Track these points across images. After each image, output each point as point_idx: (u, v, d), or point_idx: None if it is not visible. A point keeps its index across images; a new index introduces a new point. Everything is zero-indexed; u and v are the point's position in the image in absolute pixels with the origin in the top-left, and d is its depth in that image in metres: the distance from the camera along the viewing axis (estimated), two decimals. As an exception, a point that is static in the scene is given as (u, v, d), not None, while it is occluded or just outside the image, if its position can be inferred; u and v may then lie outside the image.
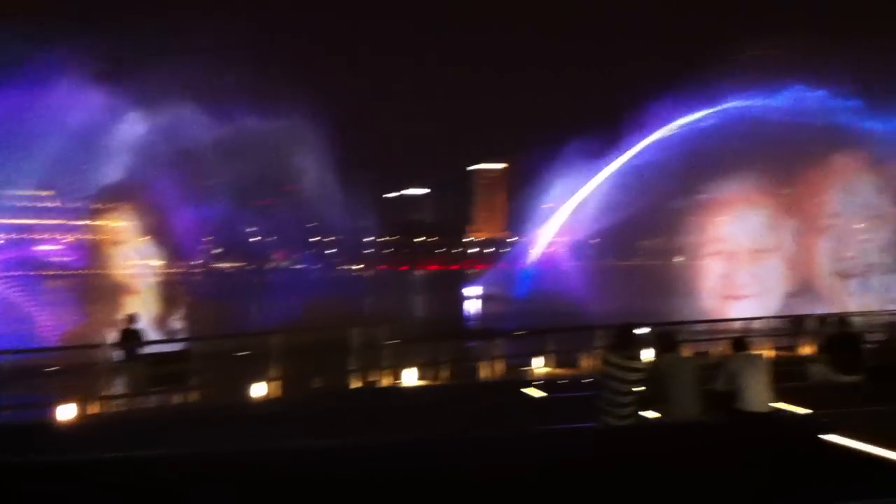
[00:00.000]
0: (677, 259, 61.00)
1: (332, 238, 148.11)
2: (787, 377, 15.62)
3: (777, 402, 12.11)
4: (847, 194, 49.91)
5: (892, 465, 8.00)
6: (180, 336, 28.90)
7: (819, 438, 9.23)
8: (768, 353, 23.11)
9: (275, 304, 62.02)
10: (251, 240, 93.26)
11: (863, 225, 53.55)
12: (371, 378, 18.98)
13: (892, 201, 49.68)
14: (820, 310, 34.79)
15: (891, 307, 35.77)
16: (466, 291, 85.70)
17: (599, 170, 58.89)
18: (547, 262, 69.70)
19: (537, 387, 17.07)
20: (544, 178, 62.62)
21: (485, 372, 20.03)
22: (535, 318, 42.79)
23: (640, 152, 55.45)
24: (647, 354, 12.19)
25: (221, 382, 18.40)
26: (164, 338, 26.95)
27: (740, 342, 12.01)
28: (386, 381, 18.86)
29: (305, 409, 14.81)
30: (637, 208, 55.50)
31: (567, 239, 70.64)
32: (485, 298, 78.76)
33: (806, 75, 51.43)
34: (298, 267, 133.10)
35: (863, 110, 51.33)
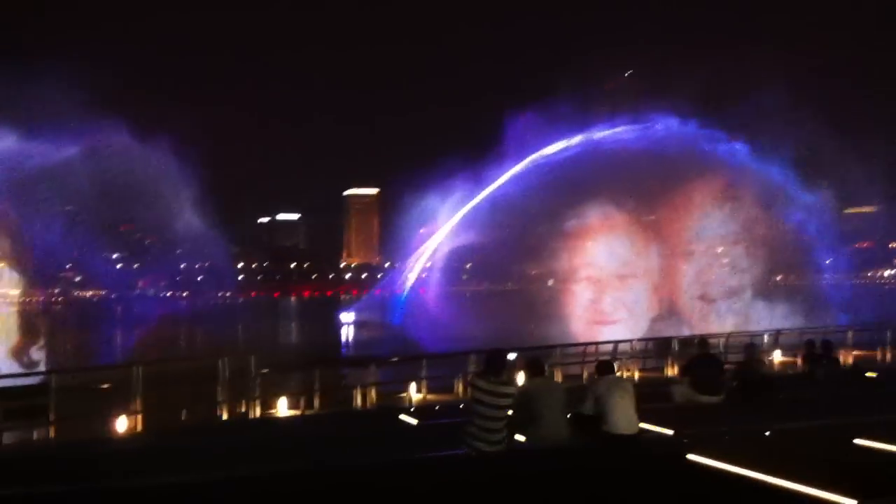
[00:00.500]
0: (549, 283, 62.24)
1: (201, 264, 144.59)
2: (652, 398, 16.09)
3: (643, 423, 12.44)
4: (706, 220, 52.22)
5: (751, 483, 8.28)
6: (37, 368, 27.49)
7: (684, 458, 9.50)
8: (634, 375, 23.83)
9: (139, 334, 59.85)
10: (116, 266, 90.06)
11: (721, 249, 56.03)
12: (241, 409, 18.49)
13: (748, 226, 52.26)
14: (684, 332, 36.16)
15: (750, 329, 37.40)
16: (341, 318, 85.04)
17: (472, 196, 59.68)
18: (421, 287, 69.95)
19: (412, 414, 17.00)
20: (417, 203, 62.98)
21: (359, 400, 19.82)
22: (409, 344, 42.82)
23: (510, 179, 56.48)
24: (521, 379, 12.33)
25: (81, 417, 17.53)
26: (20, 370, 25.59)
27: (606, 365, 12.28)
28: (257, 412, 18.40)
29: (169, 443, 14.26)
30: (509, 234, 56.48)
31: (441, 264, 71.08)
32: (359, 325, 78.30)
33: (665, 105, 53.69)
34: (165, 294, 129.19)
35: (720, 139, 53.85)
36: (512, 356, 17.86)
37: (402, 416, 16.65)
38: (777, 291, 57.24)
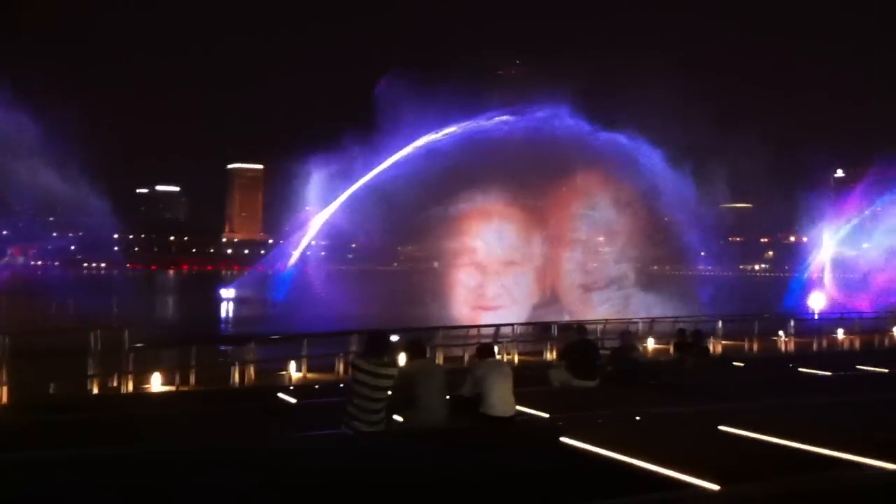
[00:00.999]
0: (434, 266, 62.50)
1: (75, 234, 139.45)
2: (531, 382, 16.38)
3: (521, 406, 12.63)
4: (590, 210, 53.49)
5: (620, 466, 8.51)
6: None
7: (558, 440, 9.69)
8: (515, 358, 24.20)
9: (7, 304, 57.27)
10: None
11: (602, 238, 57.46)
12: (113, 384, 17.91)
13: (629, 217, 53.76)
14: (565, 318, 36.93)
15: (627, 316, 38.48)
16: (221, 293, 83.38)
17: (360, 176, 59.34)
18: (305, 265, 69.20)
19: (291, 392, 16.81)
20: (304, 181, 62.21)
21: (237, 377, 19.47)
22: (290, 321, 42.31)
23: (399, 161, 56.44)
24: (402, 360, 12.32)
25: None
26: None
27: (486, 349, 12.40)
28: (129, 387, 17.86)
29: (36, 417, 13.69)
30: (396, 215, 56.41)
31: (326, 243, 70.50)
32: (240, 301, 76.97)
33: (554, 95, 54.55)
34: (36, 264, 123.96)
35: (605, 131, 55.12)
36: (394, 337, 17.88)
37: (281, 395, 16.46)
38: (654, 281, 59.15)
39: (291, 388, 18.29)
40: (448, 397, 11.53)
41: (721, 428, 10.21)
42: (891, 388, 16.33)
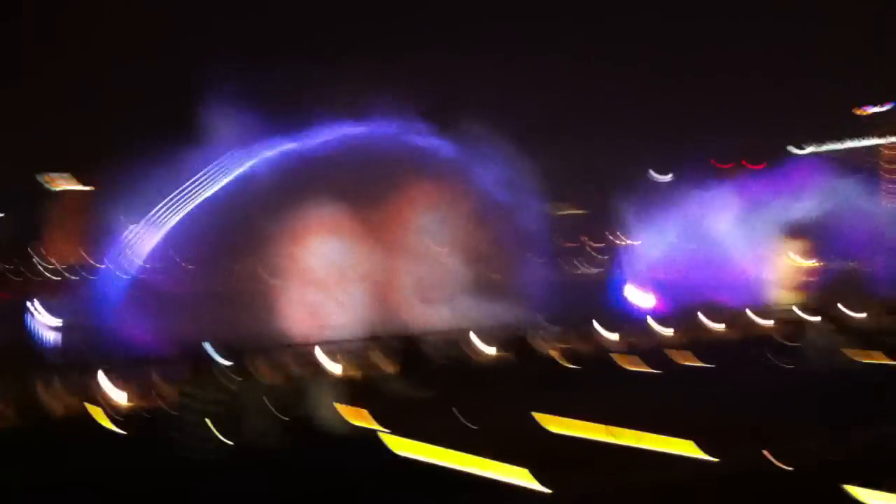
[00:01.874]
0: (271, 282, 61.13)
1: None
2: (368, 394, 16.25)
3: (357, 419, 12.51)
4: (426, 221, 53.71)
5: (449, 471, 8.52)
6: None
7: (392, 453, 9.64)
8: (352, 372, 23.96)
9: None
10: None
11: (439, 249, 57.86)
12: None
13: (466, 227, 54.36)
14: (404, 330, 36.73)
15: (464, 324, 38.66)
16: (41, 319, 78.21)
17: (193, 192, 57.13)
18: (137, 286, 65.99)
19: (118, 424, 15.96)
20: (130, 198, 59.25)
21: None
22: (117, 346, 40.11)
23: (234, 178, 54.81)
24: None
25: None
26: None
27: (317, 366, 12.26)
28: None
29: None
30: (230, 232, 54.65)
31: (158, 264, 67.68)
32: (61, 328, 72.53)
33: (389, 103, 54.40)
34: None
35: (440, 138, 55.44)
36: (222, 359, 17.39)
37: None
38: (490, 287, 60.02)
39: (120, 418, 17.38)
40: (281, 415, 11.29)
41: (548, 426, 10.46)
42: (707, 378, 17.12)
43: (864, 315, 34.29)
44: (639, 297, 60.95)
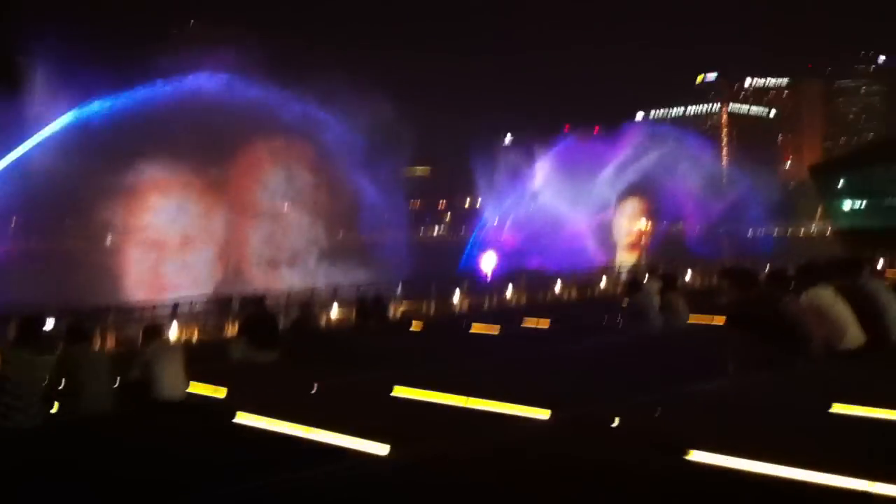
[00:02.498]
0: (107, 243, 58.80)
1: None
2: (211, 359, 15.88)
3: (199, 385, 12.18)
4: (273, 180, 52.83)
5: (296, 440, 8.42)
6: None
7: (232, 419, 9.41)
8: (194, 336, 23.40)
9: None
10: None
11: (286, 210, 57.11)
12: None
13: (314, 187, 53.80)
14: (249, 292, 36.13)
15: (312, 286, 38.53)
16: None
17: (21, 141, 54.00)
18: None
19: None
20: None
21: None
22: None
23: (64, 128, 52.16)
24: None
25: None
26: None
27: (153, 330, 11.81)
28: None
29: None
30: (63, 185, 51.90)
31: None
32: None
33: (232, 59, 53.01)
34: None
35: (286, 98, 54.54)
36: (49, 323, 16.54)
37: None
38: (339, 249, 59.81)
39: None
40: (118, 383, 10.87)
41: (395, 391, 10.44)
42: (552, 340, 17.60)
43: (690, 276, 36.19)
44: (487, 260, 62.20)
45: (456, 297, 31.21)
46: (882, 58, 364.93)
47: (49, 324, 14.08)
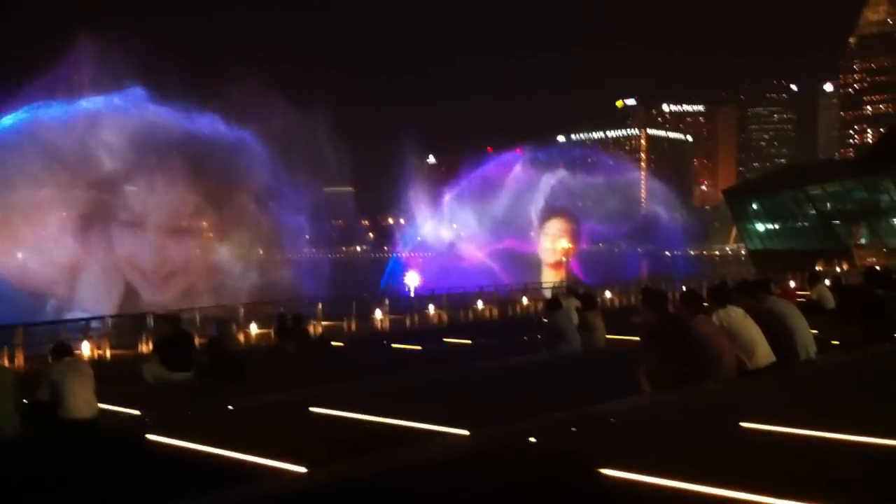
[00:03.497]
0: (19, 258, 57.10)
1: None
2: (123, 378, 15.51)
3: (110, 405, 11.88)
4: (188, 198, 52.01)
5: (211, 459, 8.26)
6: None
7: (145, 439, 9.22)
8: (106, 353, 22.79)
9: None
10: None
11: (205, 224, 56.14)
12: None
13: (227, 201, 53.01)
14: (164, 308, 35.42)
15: (227, 303, 37.97)
16: None
17: None
18: None
19: None
20: None
21: None
22: None
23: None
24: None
25: None
26: None
27: (61, 348, 11.47)
28: None
29: None
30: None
31: None
32: None
33: (140, 76, 52.16)
34: None
35: (203, 115, 53.85)
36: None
37: None
38: (260, 266, 59.15)
39: None
40: (25, 403, 10.52)
41: (312, 410, 10.34)
42: (472, 359, 17.68)
43: (609, 294, 36.81)
44: (409, 277, 62.24)
45: (377, 315, 31.08)
46: (794, 87, 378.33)
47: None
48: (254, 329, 27.41)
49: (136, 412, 11.65)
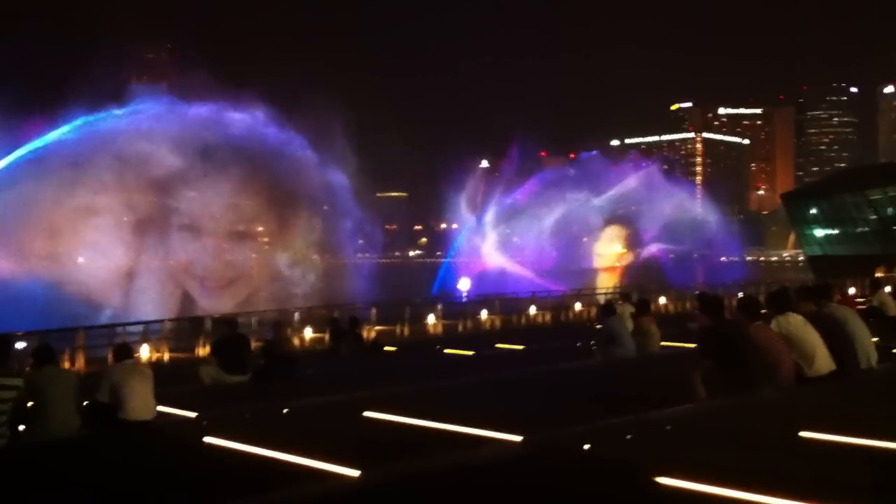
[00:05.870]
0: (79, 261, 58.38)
1: None
2: (181, 381, 15.75)
3: (168, 407, 12.06)
4: (248, 205, 52.66)
5: (267, 461, 8.34)
6: None
7: (201, 441, 9.32)
8: (165, 356, 23.18)
9: None
10: None
11: (261, 229, 56.74)
12: None
13: (282, 207, 53.54)
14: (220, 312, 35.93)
15: (286, 306, 38.37)
16: None
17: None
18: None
19: None
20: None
21: None
22: None
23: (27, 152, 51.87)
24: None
25: None
26: None
27: (122, 350, 11.68)
28: None
29: None
30: (28, 209, 51.51)
31: None
32: None
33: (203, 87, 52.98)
34: None
35: (253, 123, 54.48)
36: (19, 344, 16.37)
37: None
38: (316, 271, 59.63)
39: None
40: (85, 404, 10.75)
41: (366, 414, 10.38)
42: (525, 364, 17.62)
43: (664, 301, 36.40)
44: (463, 281, 62.11)
45: (430, 320, 31.13)
46: (854, 89, 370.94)
47: (18, 345, 13.92)
48: (308, 333, 27.64)
49: (193, 414, 11.79)
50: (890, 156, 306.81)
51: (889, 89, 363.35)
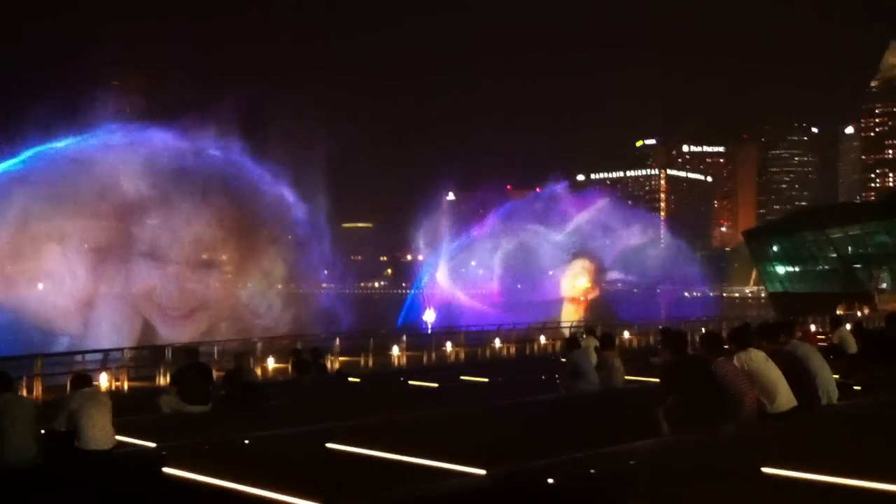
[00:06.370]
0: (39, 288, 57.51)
1: None
2: (141, 410, 15.51)
3: (127, 437, 11.87)
4: (207, 232, 52.28)
5: (226, 493, 8.23)
6: None
7: (160, 471, 9.18)
8: (124, 385, 22.83)
9: None
10: None
11: (225, 258, 56.37)
12: None
13: (245, 237, 53.29)
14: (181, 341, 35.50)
15: (245, 335, 38.05)
16: None
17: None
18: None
19: None
20: None
21: None
22: None
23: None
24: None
25: None
26: None
27: (81, 378, 11.49)
28: None
29: None
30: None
31: None
32: None
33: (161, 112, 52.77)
34: None
35: (217, 148, 54.27)
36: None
37: None
38: (280, 301, 59.19)
39: None
40: (43, 432, 10.54)
41: (329, 445, 10.29)
42: (489, 397, 17.57)
43: (627, 334, 36.62)
44: (429, 313, 62.01)
45: (395, 351, 31.00)
46: (815, 129, 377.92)
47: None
48: (271, 363, 27.40)
49: (153, 444, 11.62)
50: (850, 195, 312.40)
51: (850, 130, 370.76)
